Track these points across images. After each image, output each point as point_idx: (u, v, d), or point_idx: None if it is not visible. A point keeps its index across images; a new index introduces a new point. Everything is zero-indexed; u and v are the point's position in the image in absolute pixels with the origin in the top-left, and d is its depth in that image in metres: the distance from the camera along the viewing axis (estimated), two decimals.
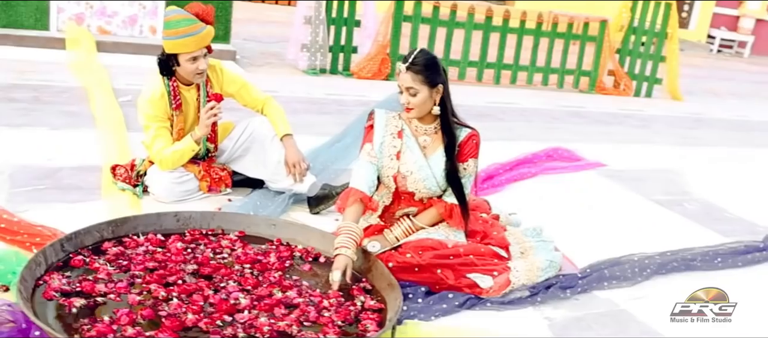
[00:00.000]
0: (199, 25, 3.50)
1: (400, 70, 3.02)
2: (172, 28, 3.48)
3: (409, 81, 3.01)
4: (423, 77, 3.01)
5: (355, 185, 3.09)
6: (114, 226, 2.93)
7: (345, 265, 2.79)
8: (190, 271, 2.74)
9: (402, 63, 3.02)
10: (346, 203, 3.05)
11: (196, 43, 3.50)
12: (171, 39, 3.50)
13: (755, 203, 5.32)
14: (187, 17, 3.49)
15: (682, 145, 7.18)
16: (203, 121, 3.57)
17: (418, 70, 2.99)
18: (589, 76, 9.92)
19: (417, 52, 3.02)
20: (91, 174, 3.88)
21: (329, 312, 2.57)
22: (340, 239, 2.88)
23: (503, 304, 3.02)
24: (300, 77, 7.96)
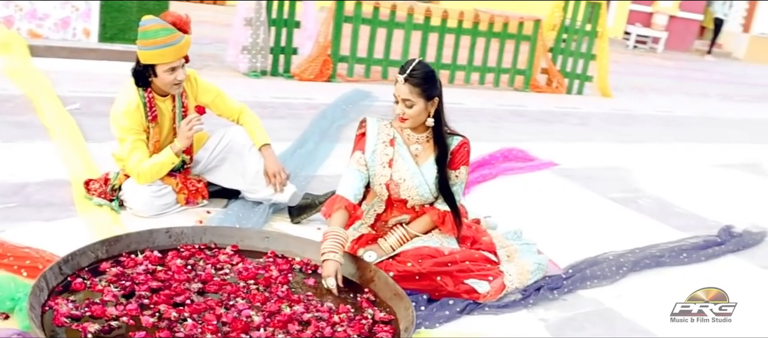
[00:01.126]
0: (177, 34, 3.43)
1: (398, 80, 3.02)
2: (150, 39, 3.39)
3: (407, 93, 3.02)
4: (420, 90, 3.03)
5: (341, 192, 3.10)
6: (108, 245, 2.84)
7: (335, 270, 2.82)
8: (195, 290, 2.68)
9: (400, 74, 3.02)
10: (332, 210, 3.06)
11: (174, 54, 3.43)
12: (148, 49, 3.42)
13: (701, 197, 5.57)
14: (164, 27, 3.41)
15: (622, 142, 7.43)
16: (184, 133, 3.49)
17: (416, 83, 3.01)
18: (524, 75, 10.13)
19: (415, 64, 3.03)
20: (60, 189, 3.75)
21: (342, 326, 2.57)
22: (326, 244, 2.90)
23: (499, 308, 3.08)
24: (242, 80, 7.85)
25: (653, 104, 10.77)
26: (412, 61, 3.06)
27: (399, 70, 3.07)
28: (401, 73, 3.02)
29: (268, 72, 8.24)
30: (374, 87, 8.22)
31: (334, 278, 2.82)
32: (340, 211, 3.03)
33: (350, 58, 8.73)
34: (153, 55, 3.42)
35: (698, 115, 10.45)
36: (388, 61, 9.03)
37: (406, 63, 3.07)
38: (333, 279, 2.81)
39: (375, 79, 8.95)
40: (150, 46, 3.40)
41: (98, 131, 4.87)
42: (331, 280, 2.81)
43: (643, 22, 20.57)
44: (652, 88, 12.73)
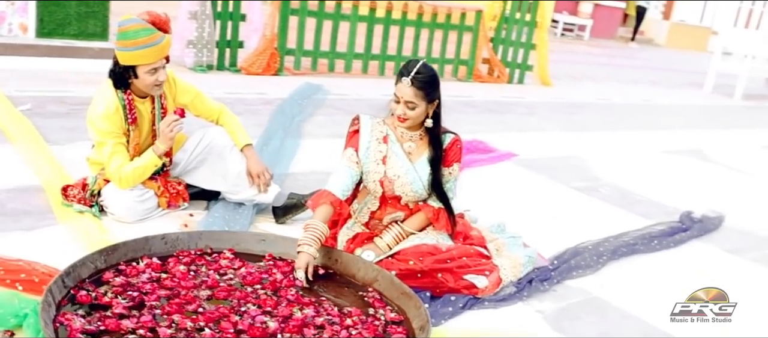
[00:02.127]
0: (158, 34, 3.34)
1: (402, 82, 3.01)
2: (130, 39, 3.29)
3: (411, 96, 3.02)
4: (424, 93, 3.04)
5: (329, 187, 3.10)
6: (106, 255, 2.76)
7: (306, 262, 2.84)
8: (205, 297, 2.63)
9: (404, 75, 3.01)
10: (317, 203, 3.06)
11: (156, 54, 3.34)
12: (129, 50, 3.31)
13: (656, 184, 5.75)
14: (145, 27, 3.31)
15: (571, 130, 7.60)
16: (166, 135, 3.41)
17: (420, 86, 3.02)
18: (467, 65, 10.24)
19: (420, 66, 3.02)
20: (32, 196, 3.61)
21: (357, 329, 2.56)
22: (303, 236, 2.91)
23: (497, 302, 3.13)
24: (188, 75, 7.64)
25: (591, 91, 11.05)
26: (416, 62, 3.05)
27: (402, 70, 3.05)
28: (405, 75, 3.01)
29: (214, 66, 8.09)
30: (323, 80, 8.19)
31: (305, 271, 2.83)
32: (324, 206, 3.03)
33: (297, 51, 8.65)
34: (134, 56, 3.32)
35: (635, 102, 10.77)
36: (335, 54, 9.00)
37: (410, 64, 3.05)
38: (302, 272, 2.83)
39: (322, 71, 8.90)
40: (130, 47, 3.30)
41: (56, 132, 4.72)
42: (300, 272, 2.83)
43: (569, 10, 20.99)
44: (586, 76, 13.03)
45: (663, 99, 11.61)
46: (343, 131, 5.99)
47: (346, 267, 3.02)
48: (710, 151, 7.57)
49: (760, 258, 4.32)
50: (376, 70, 9.47)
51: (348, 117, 6.51)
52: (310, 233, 2.91)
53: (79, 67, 7.06)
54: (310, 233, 2.91)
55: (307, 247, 2.88)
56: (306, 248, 2.87)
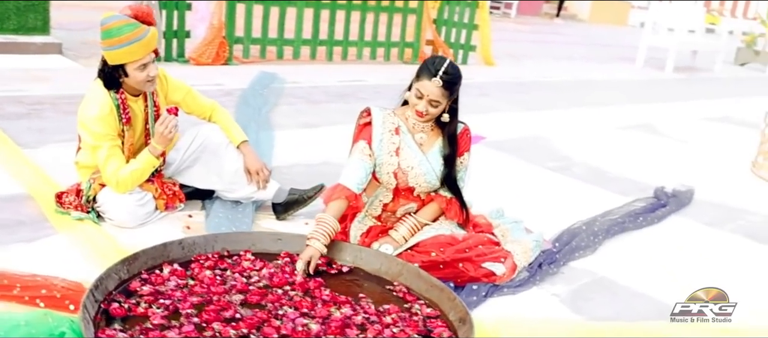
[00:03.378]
0: (142, 28, 3.22)
1: (432, 81, 2.97)
2: (114, 37, 3.17)
3: (437, 95, 3.00)
4: (449, 92, 3.03)
5: (343, 181, 3.06)
6: (127, 264, 2.65)
7: (310, 256, 2.82)
8: (238, 302, 2.57)
9: (433, 75, 2.97)
10: (330, 198, 3.03)
11: (143, 49, 3.22)
12: (114, 49, 3.19)
13: (621, 160, 5.90)
14: (127, 22, 3.19)
15: (527, 110, 7.71)
16: (164, 136, 3.29)
17: (447, 86, 3.00)
18: (412, 48, 10.26)
19: (448, 65, 2.99)
20: (21, 205, 3.45)
21: (399, 326, 2.54)
22: (313, 229, 2.90)
23: (515, 288, 3.15)
24: None
25: (532, 70, 11.23)
26: (443, 60, 3.02)
27: (429, 68, 3.00)
28: (433, 74, 2.97)
29: (162, 58, 7.87)
30: (273, 68, 8.08)
31: (307, 264, 2.81)
32: (338, 200, 3.00)
33: (245, 39, 8.51)
34: (120, 54, 3.19)
35: (576, 79, 11.01)
36: (283, 41, 8.90)
37: (436, 62, 3.01)
38: (302, 263, 2.81)
39: (271, 59, 8.79)
40: (115, 45, 3.17)
41: (23, 135, 4.54)
42: (300, 263, 2.81)
43: None
44: (523, 54, 13.25)
45: (600, 75, 11.90)
46: (311, 120, 6.01)
47: (367, 262, 2.99)
48: (659, 125, 7.80)
49: (736, 228, 4.48)
50: (324, 56, 9.40)
51: (310, 106, 6.53)
52: (321, 227, 2.88)
53: (24, 63, 6.76)
54: (321, 228, 2.88)
55: (315, 242, 2.85)
56: (314, 243, 2.85)
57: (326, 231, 2.90)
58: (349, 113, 6.33)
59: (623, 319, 3.00)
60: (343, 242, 3.10)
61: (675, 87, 11.68)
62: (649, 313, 3.12)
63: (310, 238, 2.87)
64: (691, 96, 10.64)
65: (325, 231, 2.90)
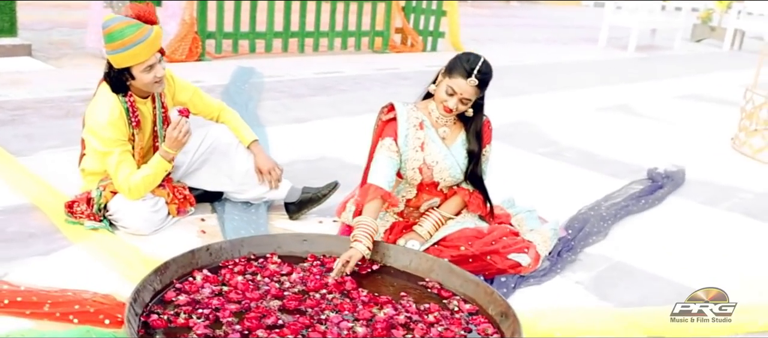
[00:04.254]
0: (145, 28, 3.12)
1: (466, 81, 2.94)
2: (117, 40, 3.07)
3: (471, 93, 2.98)
4: (481, 91, 3.00)
5: (374, 181, 3.02)
6: (160, 275, 2.59)
7: (350, 256, 2.79)
8: (277, 308, 2.53)
9: (469, 75, 2.94)
10: (366, 199, 2.99)
11: (148, 50, 3.13)
12: (119, 52, 3.09)
13: (608, 143, 5.96)
14: (130, 23, 3.09)
15: (506, 96, 7.72)
16: (178, 140, 3.20)
17: (481, 85, 2.98)
18: (382, 36, 10.22)
19: (482, 65, 2.96)
20: (27, 216, 3.34)
21: (443, 325, 2.52)
22: (355, 232, 2.87)
23: (540, 278, 3.16)
24: None
25: (500, 54, 11.26)
26: (477, 59, 2.97)
27: (463, 66, 2.96)
28: (468, 74, 2.94)
29: None
30: (247, 62, 7.99)
31: (344, 265, 2.77)
32: (375, 201, 2.97)
33: (217, 33, 8.37)
34: (125, 57, 3.10)
35: (545, 61, 11.09)
36: (255, 34, 8.78)
37: (470, 60, 2.97)
38: (340, 263, 2.77)
39: (243, 53, 8.68)
40: (119, 48, 3.08)
41: (12, 142, 4.41)
42: (338, 263, 2.78)
43: None
44: (487, 38, 13.29)
45: (567, 56, 12.00)
46: (299, 115, 5.94)
47: (396, 259, 2.97)
48: (635, 105, 7.90)
49: (732, 207, 4.56)
50: (296, 48, 9.31)
51: (295, 100, 6.46)
52: (364, 229, 2.86)
53: None
54: (364, 230, 2.85)
55: (359, 244, 2.82)
56: (357, 245, 2.81)
57: (368, 233, 2.87)
58: (334, 107, 6.32)
59: (651, 304, 3.02)
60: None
61: (640, 66, 11.84)
62: (672, 296, 3.14)
63: (355, 240, 2.83)
64: (659, 75, 10.80)
65: (368, 233, 2.86)
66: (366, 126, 5.25)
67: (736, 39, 16.52)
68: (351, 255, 2.80)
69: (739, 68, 12.71)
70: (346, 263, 2.77)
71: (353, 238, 2.85)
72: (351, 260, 2.78)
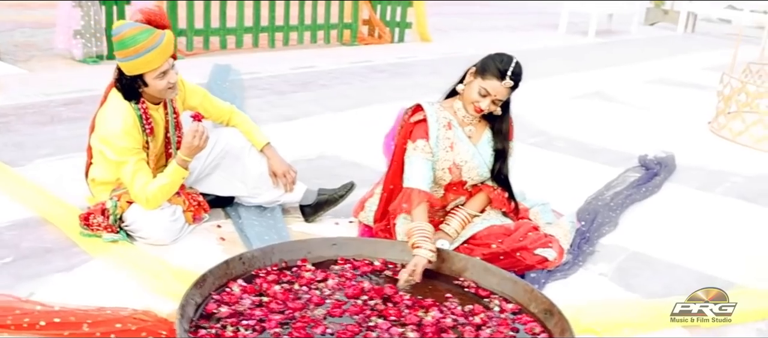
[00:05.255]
0: (157, 33, 3.04)
1: (501, 84, 2.94)
2: (130, 47, 2.98)
3: (504, 95, 2.99)
4: (513, 91, 3.00)
5: (415, 184, 3.00)
6: (198, 288, 2.53)
7: (416, 264, 2.77)
8: (322, 316, 2.49)
9: (504, 77, 2.93)
10: (412, 205, 2.97)
11: (161, 56, 3.05)
12: (132, 59, 3.01)
13: (593, 130, 6.03)
14: (142, 29, 3.00)
15: None
16: (197, 145, 3.13)
17: (515, 87, 2.98)
18: (351, 28, 10.17)
19: (516, 66, 2.95)
20: (40, 230, 3.23)
21: (491, 327, 2.51)
22: (415, 239, 2.84)
23: (566, 272, 3.19)
24: (81, 69, 7.08)
25: (467, 43, 11.31)
26: (510, 59, 2.96)
27: (497, 68, 2.95)
28: (503, 76, 2.93)
29: (105, 56, 7.52)
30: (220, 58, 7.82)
31: (411, 274, 2.75)
32: (423, 204, 2.95)
33: (188, 31, 8.22)
34: (138, 64, 3.02)
35: (512, 49, 11.02)
36: (225, 30, 8.65)
37: (504, 61, 2.96)
38: (407, 273, 2.75)
39: (214, 50, 8.54)
40: (132, 55, 2.99)
41: (3, 152, 4.25)
42: (404, 273, 2.76)
43: None
44: (451, 27, 13.31)
45: (532, 43, 12.10)
46: (286, 113, 5.87)
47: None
48: (609, 91, 8.02)
49: (726, 191, 4.67)
50: (267, 43, 9.20)
51: (279, 97, 6.40)
52: (421, 234, 2.84)
53: None
54: (421, 235, 2.84)
55: (422, 250, 2.80)
56: (421, 251, 2.79)
57: (427, 237, 2.85)
58: (318, 103, 6.27)
59: (676, 294, 3.05)
60: (399, 242, 3.04)
61: (603, 51, 12.01)
62: (694, 284, 3.18)
63: (416, 247, 2.81)
64: (623, 60, 10.95)
65: (427, 237, 2.85)
66: (355, 122, 5.27)
67: (689, 22, 16.86)
68: (417, 263, 2.76)
69: (696, 51, 13.01)
70: (412, 272, 2.74)
71: (414, 245, 2.82)
72: (418, 267, 2.75)
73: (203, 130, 3.12)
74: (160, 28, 3.08)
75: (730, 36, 16.58)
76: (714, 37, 16.25)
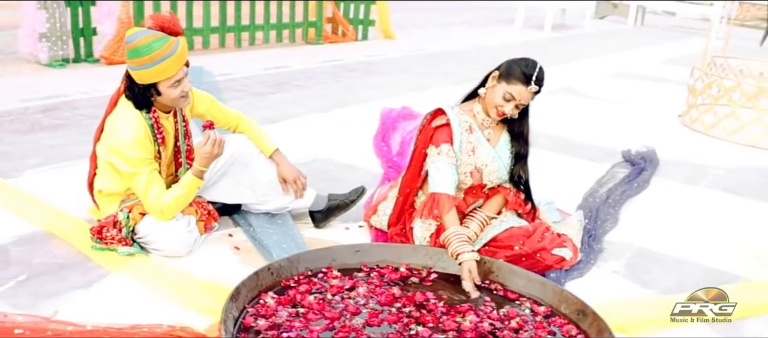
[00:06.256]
0: (172, 41, 2.97)
1: (526, 89, 2.97)
2: (145, 55, 2.92)
3: (528, 99, 3.02)
4: (536, 96, 3.03)
5: (444, 189, 3.02)
6: (234, 301, 2.50)
7: (470, 269, 2.81)
8: (361, 325, 2.49)
9: (530, 82, 2.96)
10: (443, 210, 2.99)
11: (176, 64, 3.00)
12: (146, 68, 2.94)
13: (573, 126, 6.12)
14: (157, 37, 2.93)
15: (454, 84, 7.74)
16: (213, 152, 3.08)
17: (538, 92, 3.00)
18: (315, 27, 10.12)
19: (540, 71, 2.98)
20: (49, 245, 3.12)
21: (527, 331, 2.54)
22: (455, 246, 2.89)
23: (581, 270, 3.23)
24: (48, 73, 6.85)
25: (427, 39, 11.37)
26: (534, 64, 2.98)
27: (523, 73, 2.97)
28: (530, 80, 2.96)
29: (71, 59, 7.34)
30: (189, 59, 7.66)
31: (471, 280, 2.79)
32: (453, 209, 2.99)
33: None
34: (153, 73, 2.96)
35: (474, 45, 11.24)
36: (192, 30, 8.50)
37: (529, 66, 2.98)
38: (469, 283, 2.79)
39: None
40: (147, 64, 2.93)
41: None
42: (467, 284, 2.79)
43: None
44: (408, 24, 13.29)
45: (492, 39, 12.21)
46: (268, 114, 5.81)
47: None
48: (578, 86, 8.14)
49: (710, 184, 4.80)
50: (233, 43, 9.08)
51: (258, 99, 6.34)
52: (459, 238, 2.89)
53: None
54: (459, 239, 2.89)
55: (465, 254, 2.85)
56: (465, 256, 2.84)
57: (465, 240, 2.90)
58: (299, 104, 6.23)
59: (689, 289, 3.10)
60: (421, 246, 3.05)
61: (561, 46, 12.18)
62: (704, 279, 3.28)
63: (458, 254, 2.86)
64: (583, 54, 11.14)
65: (465, 240, 2.90)
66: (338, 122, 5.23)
67: (638, 15, 17.22)
68: (470, 268, 2.81)
69: (650, 44, 13.30)
70: (470, 276, 2.79)
71: (456, 252, 2.87)
72: (471, 270, 2.80)
73: (219, 137, 3.08)
74: (174, 35, 3.01)
75: (677, 28, 17.03)
76: (662, 29, 16.65)
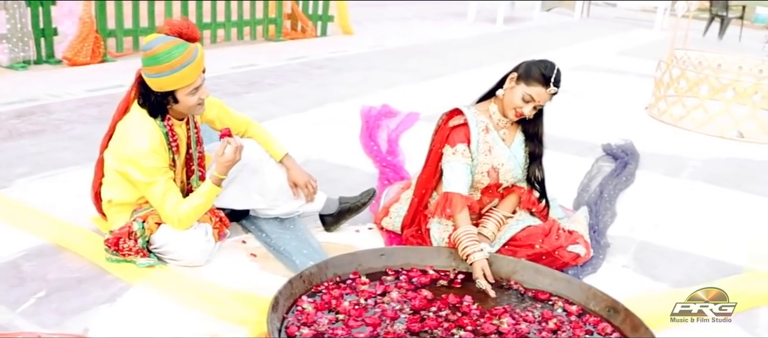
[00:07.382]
0: (191, 48, 2.90)
1: (545, 91, 3.01)
2: (164, 63, 2.84)
3: (547, 100, 3.05)
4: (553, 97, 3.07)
5: (458, 189, 3.04)
6: (275, 311, 2.48)
7: (482, 267, 2.86)
8: (403, 331, 2.50)
9: (549, 83, 3.00)
10: (455, 210, 3.01)
11: (195, 71, 2.94)
12: (165, 75, 2.87)
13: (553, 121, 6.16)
14: (176, 44, 2.85)
15: (423, 80, 7.84)
16: (231, 159, 3.04)
17: (557, 92, 3.04)
18: (275, 23, 10.04)
19: (557, 72, 3.01)
20: (59, 259, 3.03)
21: (565, 331, 2.59)
22: (464, 245, 2.92)
23: (593, 266, 3.30)
24: (11, 76, 6.60)
25: (386, 34, 11.39)
26: (553, 66, 3.02)
27: (542, 75, 3.01)
28: (548, 82, 3.00)
29: (33, 61, 7.13)
30: None
31: (484, 277, 2.82)
32: (465, 209, 3.01)
33: (118, 31, 7.91)
34: (172, 80, 2.89)
35: (432, 40, 11.30)
36: (155, 29, 8.33)
37: (547, 68, 3.02)
38: (483, 281, 2.81)
39: None
40: (166, 71, 2.86)
41: None
42: (481, 282, 2.81)
43: None
44: (363, 19, 13.29)
45: (448, 33, 12.31)
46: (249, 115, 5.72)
47: None
48: None
49: (691, 175, 4.96)
50: None
51: (233, 99, 6.26)
52: (469, 238, 2.92)
53: None
54: (470, 238, 2.91)
55: (475, 254, 2.88)
56: (475, 256, 2.88)
57: (476, 239, 2.94)
58: (276, 103, 6.19)
59: (699, 281, 3.21)
60: (444, 248, 3.07)
61: (515, 39, 12.36)
62: (710, 271, 3.39)
63: (472, 253, 2.89)
64: (539, 47, 11.30)
65: (476, 239, 2.94)
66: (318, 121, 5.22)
67: (584, 7, 17.54)
68: (482, 266, 2.85)
69: (601, 36, 13.60)
70: (484, 275, 2.83)
71: (471, 251, 2.90)
72: (484, 268, 2.84)
73: (240, 143, 3.05)
74: (192, 41, 2.94)
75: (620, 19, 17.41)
76: (607, 20, 17.03)
